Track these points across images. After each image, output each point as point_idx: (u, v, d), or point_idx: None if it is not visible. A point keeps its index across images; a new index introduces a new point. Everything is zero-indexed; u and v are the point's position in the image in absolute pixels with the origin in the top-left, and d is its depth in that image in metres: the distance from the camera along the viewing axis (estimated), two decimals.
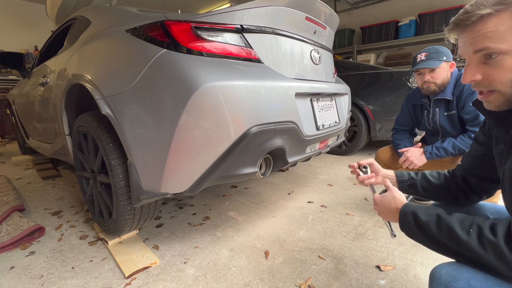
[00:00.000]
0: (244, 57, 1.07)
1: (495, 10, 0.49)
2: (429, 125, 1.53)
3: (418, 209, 0.62)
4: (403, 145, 1.55)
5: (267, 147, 1.07)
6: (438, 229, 0.56)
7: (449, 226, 0.54)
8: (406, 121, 1.68)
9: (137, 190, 1.05)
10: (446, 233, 0.54)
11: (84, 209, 1.75)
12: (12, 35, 5.54)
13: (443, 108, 1.43)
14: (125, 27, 1.13)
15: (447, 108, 1.42)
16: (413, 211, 0.62)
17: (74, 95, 1.46)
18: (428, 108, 1.51)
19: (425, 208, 0.62)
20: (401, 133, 1.67)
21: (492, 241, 0.48)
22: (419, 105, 1.58)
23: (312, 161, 2.89)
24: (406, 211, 0.64)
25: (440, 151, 1.37)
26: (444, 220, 0.56)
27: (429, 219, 0.58)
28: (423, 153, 1.42)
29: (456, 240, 0.53)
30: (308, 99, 1.30)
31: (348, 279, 1.05)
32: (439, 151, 1.37)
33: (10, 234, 1.37)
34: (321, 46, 1.53)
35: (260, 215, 1.62)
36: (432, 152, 1.39)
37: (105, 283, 1.07)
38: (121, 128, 1.04)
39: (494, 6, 0.49)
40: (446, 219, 0.56)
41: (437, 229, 0.56)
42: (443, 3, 4.44)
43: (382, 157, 1.71)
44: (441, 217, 0.57)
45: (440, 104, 1.43)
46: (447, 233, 0.54)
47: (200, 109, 0.90)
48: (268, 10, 1.12)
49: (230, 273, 1.10)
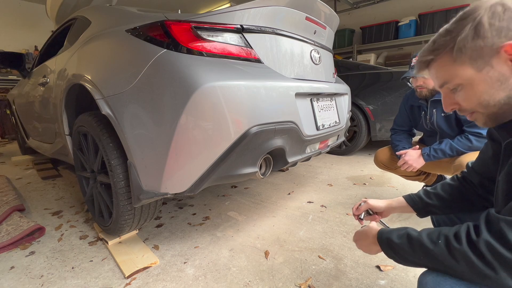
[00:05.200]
0: (244, 57, 1.07)
1: (434, 55, 0.57)
2: (427, 125, 1.53)
3: (390, 234, 0.63)
4: (402, 147, 1.55)
5: (267, 147, 1.07)
6: (411, 248, 0.57)
7: (419, 242, 0.56)
8: (404, 122, 1.68)
9: (137, 190, 1.05)
10: (419, 250, 0.56)
11: (84, 209, 1.75)
12: (12, 35, 5.54)
13: (440, 109, 1.43)
14: (125, 27, 1.13)
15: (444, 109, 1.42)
16: (387, 237, 0.64)
17: (74, 95, 1.46)
18: (425, 109, 1.51)
19: (396, 231, 0.63)
20: (400, 133, 1.68)
21: (458, 249, 0.49)
22: (416, 106, 1.58)
23: (312, 161, 2.89)
24: (382, 238, 0.65)
25: (437, 153, 1.37)
26: (414, 238, 0.57)
27: (402, 241, 0.59)
28: (421, 155, 1.42)
29: (429, 255, 0.54)
30: (308, 99, 1.30)
31: (348, 279, 1.05)
32: (436, 152, 1.37)
33: (10, 234, 1.37)
34: (321, 46, 1.53)
35: (260, 215, 1.62)
36: (430, 154, 1.39)
37: (105, 283, 1.07)
38: (121, 128, 1.04)
39: (432, 52, 0.57)
40: (416, 236, 0.57)
41: (410, 249, 0.57)
42: (443, 3, 4.44)
43: (381, 157, 1.71)
44: (411, 235, 0.58)
45: (438, 105, 1.43)
46: (419, 250, 0.56)
47: (200, 109, 0.90)
48: (268, 10, 1.12)
49: (230, 273, 1.10)
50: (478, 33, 0.51)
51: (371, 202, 0.89)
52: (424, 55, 0.59)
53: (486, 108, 0.55)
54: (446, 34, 0.56)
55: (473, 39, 0.52)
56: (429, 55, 0.59)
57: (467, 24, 0.52)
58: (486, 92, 0.54)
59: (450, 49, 0.55)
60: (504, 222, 0.46)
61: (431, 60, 0.59)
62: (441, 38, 0.56)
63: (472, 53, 0.52)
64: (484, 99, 0.54)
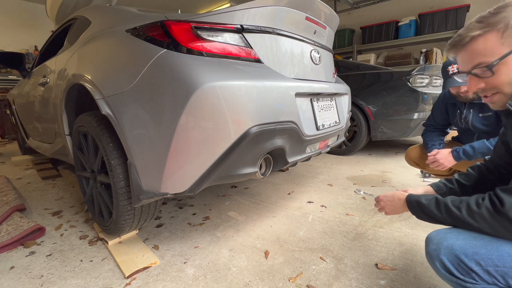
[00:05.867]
0: (244, 57, 1.07)
1: (483, 31, 0.61)
2: (461, 124, 1.51)
3: (419, 197, 0.79)
4: (434, 148, 1.53)
5: (267, 147, 1.07)
6: (437, 209, 0.73)
7: (445, 205, 0.71)
8: (441, 119, 1.64)
9: (137, 190, 1.05)
10: (444, 211, 0.71)
11: (84, 209, 1.75)
12: (12, 35, 5.54)
13: (477, 109, 1.41)
14: (125, 27, 1.13)
15: (482, 110, 1.40)
16: (416, 199, 0.79)
17: (74, 95, 1.46)
18: (461, 108, 1.49)
19: (424, 195, 0.79)
20: (432, 131, 1.66)
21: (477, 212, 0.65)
22: (451, 104, 1.56)
23: (312, 161, 2.89)
24: (411, 200, 0.81)
25: (469, 152, 1.34)
26: (440, 201, 0.73)
27: (429, 203, 0.75)
28: (450, 153, 1.40)
29: (451, 215, 0.69)
30: (308, 99, 1.30)
31: (348, 279, 1.05)
32: (467, 151, 1.34)
33: (10, 234, 1.37)
34: (321, 46, 1.53)
35: (260, 215, 1.62)
36: (460, 152, 1.36)
37: (105, 283, 1.07)
38: (121, 128, 1.04)
39: (481, 29, 0.61)
40: (442, 200, 0.73)
41: (436, 209, 0.73)
42: (443, 3, 4.44)
43: (412, 155, 1.73)
44: (438, 199, 0.74)
45: (475, 105, 1.41)
46: (445, 211, 0.71)
47: (200, 109, 0.90)
48: (268, 10, 1.12)
49: (230, 273, 1.10)
50: None
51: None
52: (467, 31, 0.63)
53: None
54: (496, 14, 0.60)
55: None
56: (476, 30, 0.61)
57: None
58: None
59: (499, 30, 0.59)
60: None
61: (477, 36, 0.61)
62: (491, 17, 0.60)
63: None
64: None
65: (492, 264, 0.62)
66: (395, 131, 2.80)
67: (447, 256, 0.66)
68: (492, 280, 0.62)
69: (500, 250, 0.62)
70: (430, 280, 1.03)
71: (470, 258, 0.63)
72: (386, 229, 1.41)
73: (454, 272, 0.66)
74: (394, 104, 2.70)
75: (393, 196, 0.90)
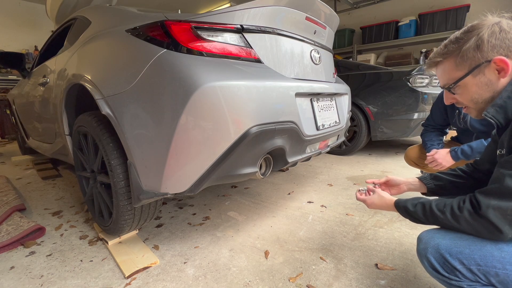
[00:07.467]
0: (244, 57, 1.07)
1: (443, 58, 0.73)
2: (460, 124, 1.52)
3: (406, 202, 0.81)
4: (432, 148, 1.53)
5: (267, 147, 1.07)
6: (423, 214, 0.75)
7: (431, 209, 0.73)
8: (440, 119, 1.64)
9: (137, 190, 1.05)
10: (430, 216, 0.74)
11: (84, 209, 1.75)
12: (12, 35, 5.54)
13: None
14: (125, 27, 1.13)
15: None
16: (403, 205, 0.82)
17: (74, 95, 1.46)
18: (459, 108, 1.48)
19: (411, 200, 0.81)
20: (431, 131, 1.66)
21: (460, 215, 0.67)
22: (450, 104, 1.56)
23: (312, 161, 2.89)
24: (399, 205, 0.84)
25: (467, 152, 1.34)
26: (426, 206, 0.75)
27: (416, 209, 0.77)
28: (449, 153, 1.40)
29: (437, 219, 0.72)
30: (308, 99, 1.30)
31: (348, 279, 1.05)
32: (466, 151, 1.35)
33: (10, 234, 1.37)
34: (321, 46, 1.53)
35: (260, 215, 1.62)
36: (458, 152, 1.37)
37: (105, 283, 1.07)
38: (121, 128, 1.04)
39: (442, 56, 0.73)
40: (428, 204, 0.75)
41: (423, 215, 0.76)
42: (443, 3, 4.44)
43: (411, 155, 1.74)
44: (424, 204, 0.76)
45: None
46: (430, 216, 0.74)
47: (200, 109, 0.90)
48: (268, 10, 1.12)
49: (230, 273, 1.10)
50: (478, 47, 0.65)
51: (391, 176, 1.04)
52: (435, 56, 0.75)
53: (476, 104, 0.73)
54: (455, 42, 0.70)
55: (474, 51, 0.66)
56: (439, 57, 0.74)
57: (472, 37, 0.66)
58: (477, 92, 0.70)
59: (455, 56, 0.70)
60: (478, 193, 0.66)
61: (439, 61, 0.74)
62: (451, 45, 0.71)
63: (471, 62, 0.67)
64: (475, 97, 0.71)
65: (474, 263, 0.65)
66: (395, 131, 2.80)
67: (433, 255, 0.70)
68: (474, 278, 0.66)
69: (483, 250, 0.65)
70: (430, 280, 1.03)
71: (454, 257, 0.67)
72: (386, 229, 1.41)
73: (440, 270, 0.69)
74: (394, 104, 2.70)
75: (382, 199, 0.92)
